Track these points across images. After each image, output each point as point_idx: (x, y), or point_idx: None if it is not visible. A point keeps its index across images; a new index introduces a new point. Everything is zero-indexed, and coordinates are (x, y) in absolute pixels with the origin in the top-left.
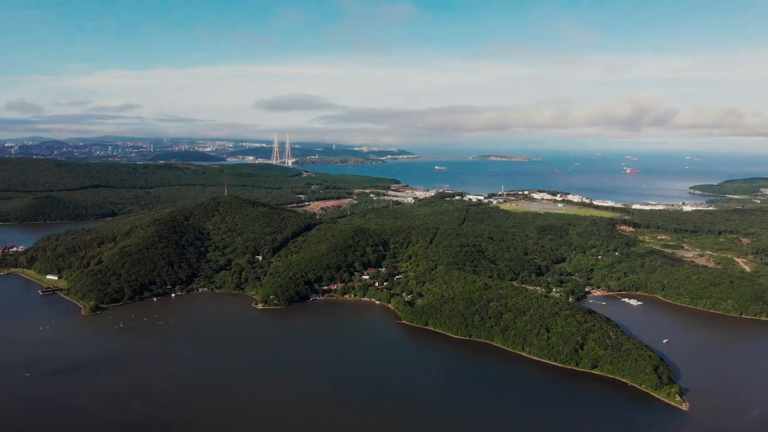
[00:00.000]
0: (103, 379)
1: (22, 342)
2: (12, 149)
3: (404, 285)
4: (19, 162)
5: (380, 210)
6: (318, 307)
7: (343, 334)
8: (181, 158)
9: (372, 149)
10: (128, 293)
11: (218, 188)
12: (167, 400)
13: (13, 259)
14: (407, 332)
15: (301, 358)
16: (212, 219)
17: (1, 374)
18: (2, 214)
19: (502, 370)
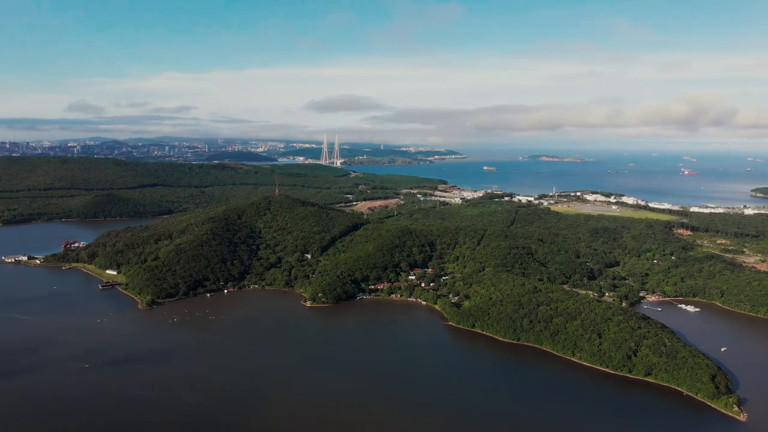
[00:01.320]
0: (156, 370)
1: (82, 334)
2: (75, 149)
3: (451, 286)
4: (82, 161)
5: (427, 210)
6: (365, 306)
7: (389, 333)
8: (235, 158)
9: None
10: (183, 289)
11: (269, 188)
12: (217, 393)
13: (75, 255)
14: (454, 334)
15: (347, 356)
16: (263, 217)
17: (63, 364)
18: (65, 211)
19: (551, 375)
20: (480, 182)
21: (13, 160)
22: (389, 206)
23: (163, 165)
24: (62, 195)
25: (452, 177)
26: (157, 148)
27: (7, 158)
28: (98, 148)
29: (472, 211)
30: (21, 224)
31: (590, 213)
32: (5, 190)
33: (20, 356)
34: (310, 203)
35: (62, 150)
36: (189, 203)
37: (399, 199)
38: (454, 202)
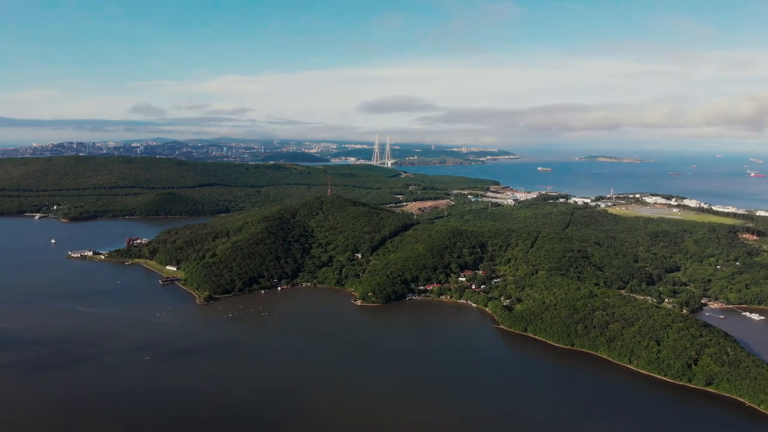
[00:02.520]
0: (213, 364)
1: (143, 327)
2: (138, 149)
3: (502, 289)
4: (144, 161)
5: (478, 211)
6: (414, 306)
7: (439, 335)
8: (289, 159)
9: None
10: (239, 285)
11: (322, 188)
12: (269, 387)
13: (137, 251)
14: (505, 337)
15: (396, 356)
16: (316, 217)
17: (126, 356)
18: (129, 208)
19: (607, 382)
20: (534, 183)
21: (80, 160)
22: (439, 207)
23: (221, 165)
24: (126, 193)
25: (505, 178)
26: (215, 149)
27: (75, 158)
28: (160, 149)
29: (525, 213)
30: (87, 221)
31: (650, 216)
32: (72, 188)
33: (85, 347)
34: (361, 203)
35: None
36: (245, 202)
37: (449, 199)
38: (507, 203)
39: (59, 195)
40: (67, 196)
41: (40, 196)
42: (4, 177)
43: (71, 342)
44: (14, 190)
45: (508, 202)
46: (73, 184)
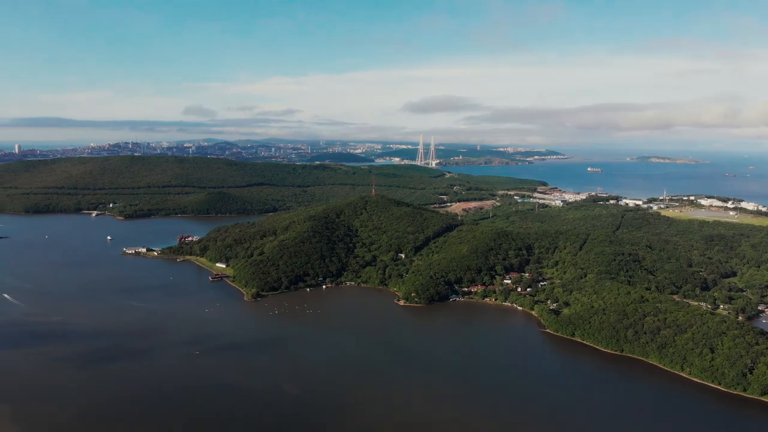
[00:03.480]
0: (260, 360)
1: (193, 322)
2: (190, 149)
3: (549, 292)
4: (196, 161)
5: (525, 213)
6: (458, 307)
7: (483, 337)
8: (335, 159)
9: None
10: (285, 283)
11: (366, 188)
12: (313, 385)
13: (189, 248)
14: (551, 342)
15: (439, 357)
16: (360, 217)
17: (177, 350)
18: (181, 207)
19: (658, 390)
20: (583, 184)
21: (135, 159)
22: (484, 208)
23: (269, 165)
24: (178, 192)
25: (553, 178)
26: (264, 149)
27: (130, 157)
28: (211, 149)
29: (573, 215)
30: (141, 219)
31: (705, 219)
32: (128, 187)
33: (138, 341)
34: (405, 203)
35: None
36: (292, 202)
37: (495, 200)
38: (555, 204)
39: (115, 193)
40: (123, 194)
41: (97, 194)
42: (63, 176)
43: (125, 336)
44: (73, 188)
45: (556, 204)
46: (128, 183)
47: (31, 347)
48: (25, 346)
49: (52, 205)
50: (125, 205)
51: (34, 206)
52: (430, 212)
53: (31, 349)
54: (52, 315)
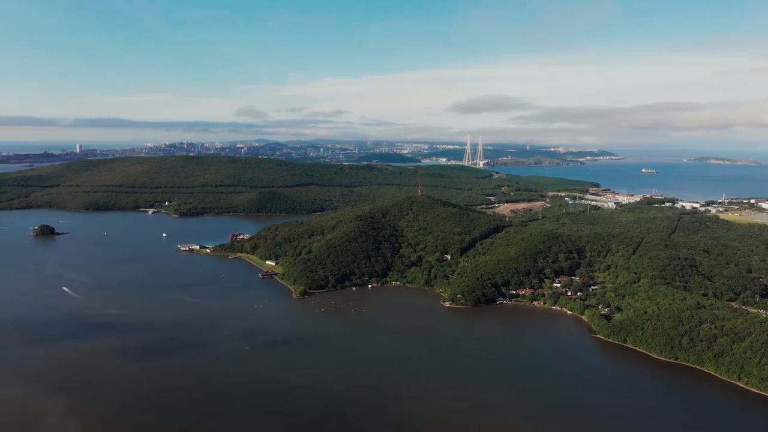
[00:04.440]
0: (306, 356)
1: (243, 318)
2: (242, 150)
3: (600, 297)
4: (248, 161)
5: (576, 215)
6: (505, 310)
7: (530, 341)
8: (381, 159)
9: (569, 150)
10: (332, 281)
11: (412, 188)
12: (358, 382)
13: (240, 246)
14: (602, 347)
15: (485, 360)
16: (406, 217)
17: (227, 345)
18: (233, 206)
19: (714, 400)
20: (637, 186)
21: (190, 159)
22: (534, 209)
23: (318, 165)
24: (230, 192)
25: (605, 179)
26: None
27: (185, 157)
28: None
29: (627, 217)
30: (195, 217)
31: (766, 223)
32: (183, 186)
33: (191, 335)
34: (451, 204)
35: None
36: (339, 201)
37: (545, 202)
38: (607, 206)
39: (171, 192)
40: (178, 193)
41: (153, 192)
42: (121, 175)
43: (178, 330)
44: (131, 187)
45: (609, 206)
46: (183, 182)
47: (88, 340)
48: (82, 338)
49: (111, 203)
50: (180, 204)
51: (94, 204)
52: (477, 213)
53: (88, 341)
54: (109, 308)
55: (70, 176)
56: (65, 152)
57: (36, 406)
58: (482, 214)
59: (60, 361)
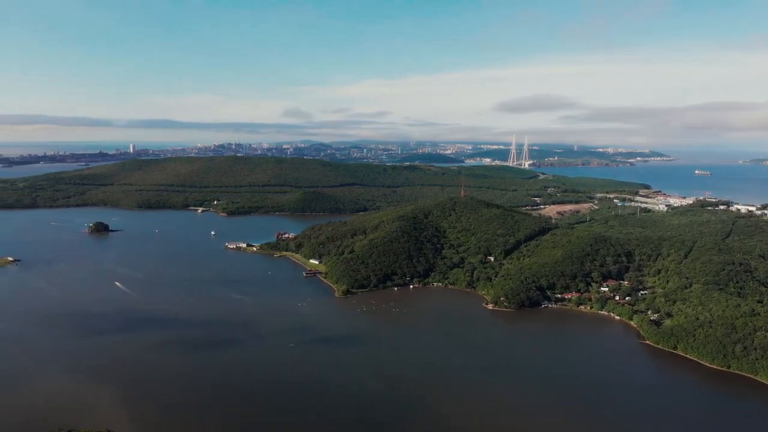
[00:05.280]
0: (347, 355)
1: (287, 315)
2: (288, 150)
3: (650, 302)
4: (293, 162)
5: (625, 217)
6: (550, 314)
7: (576, 346)
8: (424, 160)
9: (618, 150)
10: (374, 281)
11: (455, 189)
12: (398, 383)
13: (285, 244)
14: (651, 354)
15: (529, 364)
16: (448, 218)
17: (272, 341)
18: (279, 205)
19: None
20: (690, 188)
21: (238, 160)
22: (581, 211)
23: (361, 166)
24: (276, 191)
25: (656, 181)
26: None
27: (233, 158)
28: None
29: (679, 220)
30: (242, 215)
31: None
32: (231, 185)
33: (237, 331)
34: (495, 205)
35: (278, 151)
36: (382, 202)
37: (593, 203)
38: (658, 209)
39: (219, 191)
40: (226, 192)
41: (202, 192)
42: (172, 174)
43: (225, 326)
44: (181, 186)
45: (660, 208)
46: (231, 181)
47: (138, 334)
48: (133, 332)
49: (162, 202)
50: (228, 203)
51: (146, 202)
52: (522, 215)
53: (139, 335)
54: (159, 304)
55: (123, 175)
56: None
57: (87, 397)
58: (527, 216)
59: (111, 353)
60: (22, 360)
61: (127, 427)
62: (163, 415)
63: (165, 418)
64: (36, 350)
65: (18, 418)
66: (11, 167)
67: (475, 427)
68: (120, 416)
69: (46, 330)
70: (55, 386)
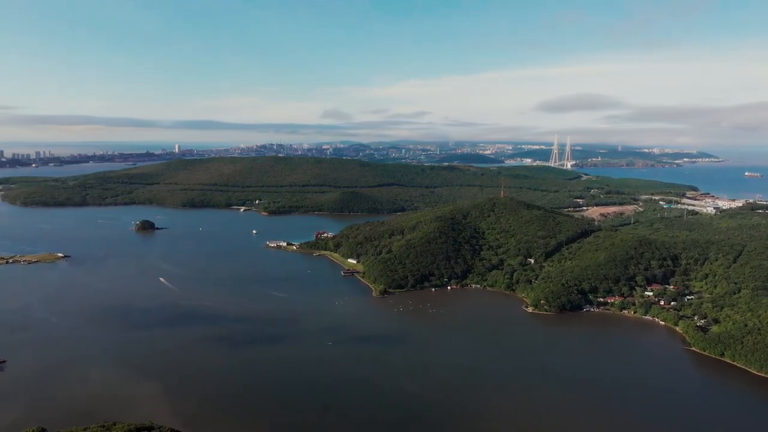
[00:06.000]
0: (384, 355)
1: (325, 313)
2: (328, 151)
3: (696, 307)
4: (332, 162)
5: (671, 220)
6: (592, 318)
7: (619, 351)
8: (463, 160)
9: (665, 151)
10: (411, 281)
11: (495, 189)
12: (434, 384)
13: (324, 243)
14: (697, 361)
15: (570, 370)
16: (487, 219)
17: (311, 338)
18: (318, 205)
19: None
20: (740, 190)
21: (279, 160)
22: (625, 213)
23: (399, 166)
24: (316, 191)
25: (704, 183)
26: (394, 151)
27: (274, 158)
28: (347, 150)
29: (728, 223)
30: (282, 215)
31: None
32: (272, 185)
33: (277, 327)
34: (536, 206)
35: (318, 152)
36: (419, 202)
37: (637, 205)
38: (706, 211)
39: (261, 191)
40: (268, 192)
41: (245, 191)
42: (216, 174)
43: (265, 322)
44: (224, 185)
45: (708, 211)
46: (272, 181)
47: (181, 328)
48: (176, 327)
49: (206, 201)
50: (269, 202)
51: (190, 201)
52: (564, 216)
53: (182, 330)
54: (201, 300)
55: (169, 175)
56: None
57: (133, 390)
58: (569, 218)
59: (156, 348)
60: (72, 353)
61: (170, 420)
62: (204, 410)
63: (206, 413)
64: (85, 344)
65: (68, 410)
66: (62, 166)
67: (512, 431)
68: (163, 409)
69: (94, 324)
70: (103, 379)
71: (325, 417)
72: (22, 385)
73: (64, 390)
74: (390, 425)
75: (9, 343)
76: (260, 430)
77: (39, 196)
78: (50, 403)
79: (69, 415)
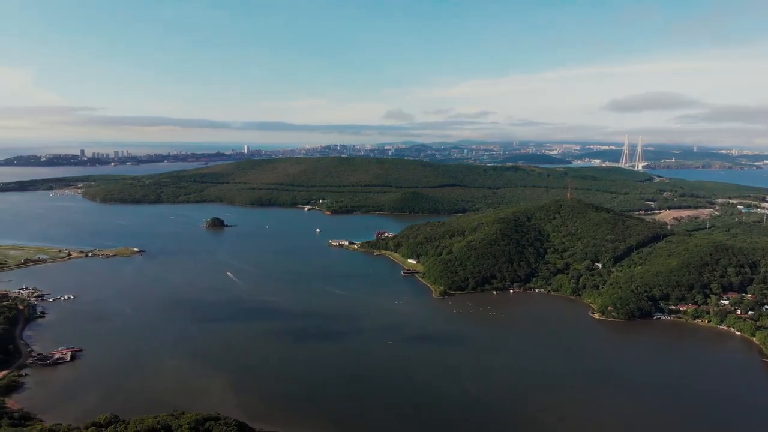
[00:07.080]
0: (443, 356)
1: (384, 312)
2: (389, 151)
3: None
4: (394, 162)
5: (750, 225)
6: (663, 327)
7: (691, 361)
8: (528, 161)
9: (743, 152)
10: (471, 283)
11: (561, 191)
12: (495, 387)
13: (384, 243)
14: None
15: (638, 377)
16: (553, 221)
17: (371, 336)
18: (379, 204)
19: None
20: None
21: (342, 161)
22: (700, 217)
23: (461, 167)
24: (377, 191)
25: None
26: (456, 151)
27: (338, 158)
28: (408, 151)
29: None
30: (345, 214)
31: None
32: (335, 185)
33: (338, 324)
34: (605, 209)
35: (380, 152)
36: (481, 203)
37: (713, 209)
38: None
39: (324, 191)
40: (331, 191)
41: (309, 191)
42: (282, 174)
43: (327, 319)
44: (290, 185)
45: None
46: (335, 181)
47: (248, 322)
48: (243, 320)
49: (273, 199)
50: (332, 202)
51: (258, 200)
52: (634, 219)
53: (248, 323)
54: (266, 295)
55: (238, 174)
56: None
57: (200, 380)
58: (640, 221)
59: (223, 340)
60: (145, 344)
61: (235, 412)
62: (267, 402)
63: (269, 405)
64: (157, 335)
65: (140, 399)
66: (139, 165)
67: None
68: (229, 401)
69: (167, 316)
70: (173, 369)
71: (387, 416)
72: (97, 373)
73: (137, 379)
74: (451, 427)
75: (87, 333)
76: (322, 428)
77: (117, 194)
78: (123, 391)
79: (140, 404)
